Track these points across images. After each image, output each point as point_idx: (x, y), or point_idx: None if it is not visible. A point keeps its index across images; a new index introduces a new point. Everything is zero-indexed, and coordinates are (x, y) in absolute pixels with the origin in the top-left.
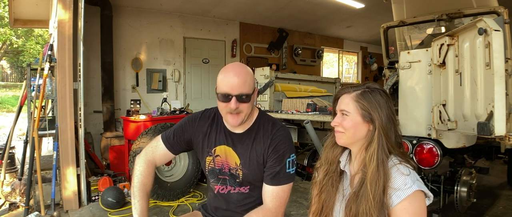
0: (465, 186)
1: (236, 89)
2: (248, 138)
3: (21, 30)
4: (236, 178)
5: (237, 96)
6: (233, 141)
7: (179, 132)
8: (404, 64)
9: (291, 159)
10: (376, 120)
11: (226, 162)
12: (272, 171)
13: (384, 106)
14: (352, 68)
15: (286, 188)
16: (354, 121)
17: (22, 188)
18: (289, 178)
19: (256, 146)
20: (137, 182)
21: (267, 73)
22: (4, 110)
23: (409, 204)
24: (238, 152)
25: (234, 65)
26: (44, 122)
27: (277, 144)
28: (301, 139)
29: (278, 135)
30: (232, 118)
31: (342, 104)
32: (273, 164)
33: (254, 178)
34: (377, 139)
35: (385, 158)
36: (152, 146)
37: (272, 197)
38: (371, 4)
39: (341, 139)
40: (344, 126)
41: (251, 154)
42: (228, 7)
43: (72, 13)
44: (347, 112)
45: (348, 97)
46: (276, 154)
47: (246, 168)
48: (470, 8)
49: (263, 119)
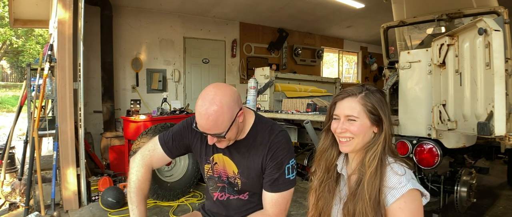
0: (465, 186)
1: (209, 130)
2: (244, 146)
3: (21, 30)
4: (235, 187)
5: (212, 134)
6: (229, 149)
7: (177, 137)
8: (404, 64)
9: (290, 165)
10: (384, 122)
11: (224, 170)
12: (270, 178)
13: (387, 107)
14: (352, 68)
15: (286, 195)
16: (364, 125)
17: (22, 188)
18: (289, 184)
19: (254, 154)
20: (134, 188)
21: (267, 73)
22: (4, 110)
23: (404, 203)
24: (235, 161)
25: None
26: (44, 122)
27: (275, 152)
28: (301, 139)
29: (275, 142)
30: (218, 144)
31: (347, 109)
32: (272, 171)
33: (253, 186)
34: (383, 141)
35: (384, 158)
36: (150, 149)
37: (272, 204)
38: (371, 4)
39: (349, 146)
40: (353, 131)
41: (248, 163)
42: (228, 7)
43: (72, 13)
44: (355, 117)
45: (354, 101)
46: (274, 161)
47: (245, 177)
48: (470, 8)
49: (260, 125)
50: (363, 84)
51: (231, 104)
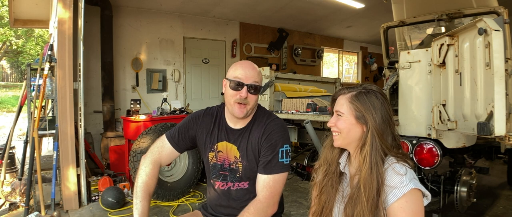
0: (465, 186)
1: (250, 78)
2: (246, 132)
3: (21, 30)
4: (236, 173)
5: (248, 85)
6: (234, 136)
7: (183, 130)
8: (404, 64)
9: (284, 149)
10: (369, 121)
11: (227, 157)
12: (264, 160)
13: (379, 108)
14: (352, 68)
15: (278, 178)
16: (348, 122)
17: (22, 188)
18: (283, 167)
19: (252, 137)
20: (141, 182)
21: (267, 73)
22: (4, 110)
23: (406, 202)
24: (238, 146)
25: (247, 61)
26: (44, 122)
27: (270, 133)
28: (301, 139)
29: (271, 125)
30: (239, 108)
31: (337, 105)
32: (266, 152)
33: (252, 170)
34: (370, 141)
35: (379, 160)
36: (158, 146)
37: (263, 186)
38: (371, 4)
39: (337, 140)
40: (338, 126)
41: (248, 146)
42: (228, 7)
43: (72, 13)
44: (341, 113)
45: (343, 98)
46: (268, 142)
47: (245, 160)
48: (470, 8)
49: (259, 113)
50: (362, 83)
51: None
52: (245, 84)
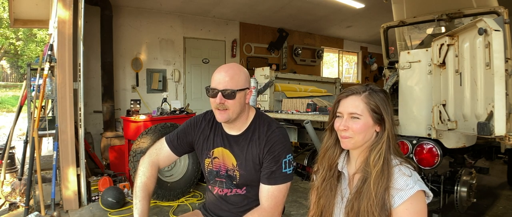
0: (465, 186)
1: (222, 84)
2: (244, 140)
3: (22, 33)
4: (233, 180)
5: (222, 91)
6: (230, 142)
7: (182, 135)
8: (404, 64)
9: (287, 160)
10: (386, 121)
11: (223, 164)
12: (268, 171)
13: (390, 107)
14: (352, 68)
15: (282, 188)
16: (366, 124)
17: (22, 188)
18: (286, 178)
19: (252, 147)
20: (140, 183)
21: (267, 73)
22: (4, 110)
23: (411, 204)
24: (235, 154)
25: (228, 64)
26: (44, 122)
27: (273, 145)
28: (301, 139)
29: (273, 136)
30: (219, 114)
31: (350, 107)
32: (269, 164)
33: (250, 179)
34: (386, 140)
35: (389, 158)
36: (157, 148)
37: (268, 196)
38: (371, 4)
39: (349, 143)
40: (354, 129)
41: (247, 155)
42: (228, 7)
43: (72, 13)
44: (358, 115)
45: (358, 99)
46: (271, 155)
47: (243, 169)
48: (470, 8)
49: (259, 121)
50: (367, 83)
51: (246, 75)
52: (218, 90)
